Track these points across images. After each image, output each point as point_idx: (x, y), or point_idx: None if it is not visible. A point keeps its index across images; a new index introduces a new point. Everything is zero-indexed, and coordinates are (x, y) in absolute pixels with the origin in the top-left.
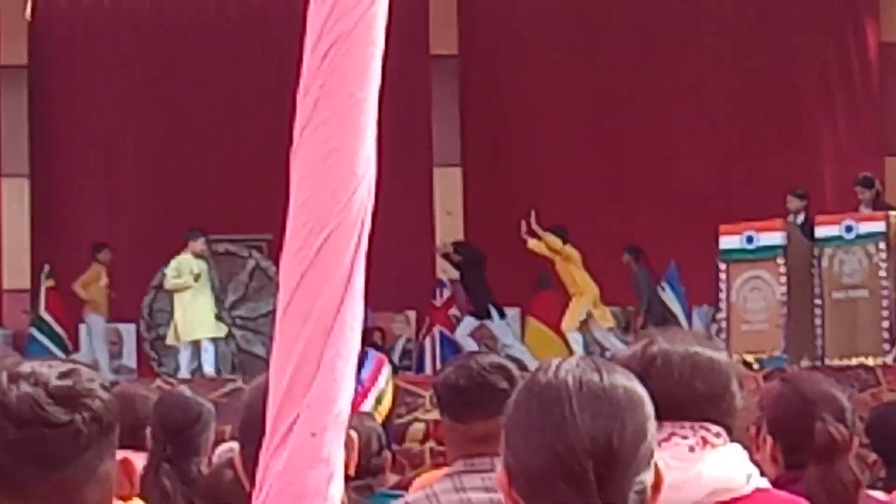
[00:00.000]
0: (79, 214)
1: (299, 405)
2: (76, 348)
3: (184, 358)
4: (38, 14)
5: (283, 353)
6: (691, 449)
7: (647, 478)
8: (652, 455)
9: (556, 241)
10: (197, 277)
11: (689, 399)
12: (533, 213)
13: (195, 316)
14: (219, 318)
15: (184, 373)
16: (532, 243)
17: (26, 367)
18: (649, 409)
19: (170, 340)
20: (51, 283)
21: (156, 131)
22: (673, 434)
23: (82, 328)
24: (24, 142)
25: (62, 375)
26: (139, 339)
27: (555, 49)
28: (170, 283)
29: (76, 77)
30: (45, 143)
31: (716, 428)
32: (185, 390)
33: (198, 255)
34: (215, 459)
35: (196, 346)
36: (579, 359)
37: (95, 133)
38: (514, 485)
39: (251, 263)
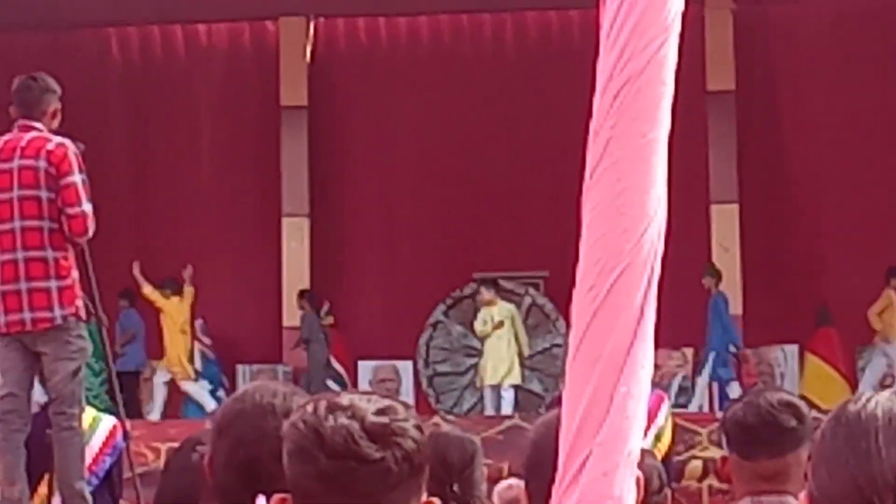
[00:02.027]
0: (357, 253)
1: (591, 443)
2: (355, 386)
3: (487, 400)
4: (318, 56)
5: (574, 391)
6: None
7: None
8: None
9: (154, 294)
10: (499, 325)
11: None
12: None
13: (496, 362)
14: (523, 364)
15: (489, 411)
16: (146, 290)
17: (345, 398)
18: None
19: (478, 383)
20: (330, 320)
21: (433, 170)
22: None
23: (361, 366)
24: (304, 182)
25: (379, 412)
26: (416, 376)
27: (831, 83)
28: (477, 330)
29: (355, 117)
30: (324, 182)
31: None
32: (455, 429)
33: (489, 304)
34: (495, 497)
35: (496, 389)
36: (893, 392)
37: (374, 172)
38: None
39: (527, 301)
